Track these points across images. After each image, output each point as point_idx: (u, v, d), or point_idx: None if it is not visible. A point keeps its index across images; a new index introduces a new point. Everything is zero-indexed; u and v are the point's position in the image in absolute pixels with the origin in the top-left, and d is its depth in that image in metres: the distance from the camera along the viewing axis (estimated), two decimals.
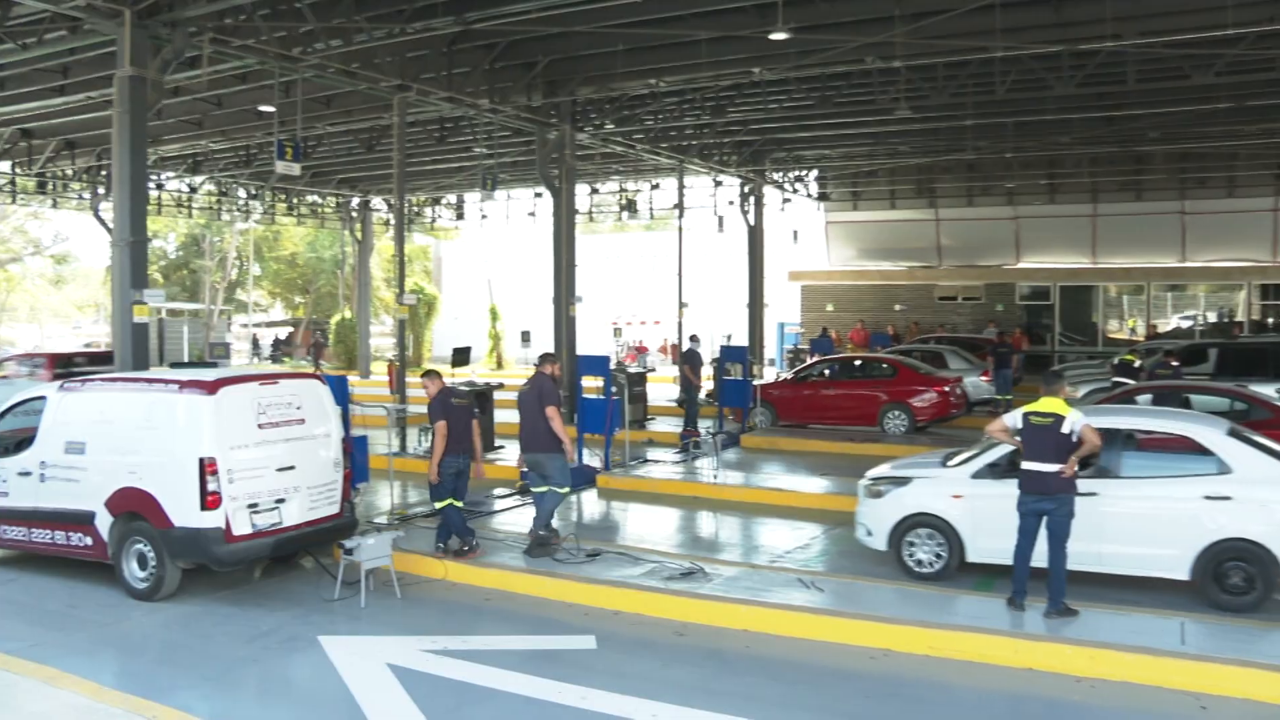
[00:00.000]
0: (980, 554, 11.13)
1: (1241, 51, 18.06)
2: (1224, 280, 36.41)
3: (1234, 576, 10.11)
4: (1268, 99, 22.97)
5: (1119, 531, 10.41)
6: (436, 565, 11.71)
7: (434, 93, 20.31)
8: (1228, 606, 10.05)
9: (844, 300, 39.71)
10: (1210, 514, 10.14)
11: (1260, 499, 10.10)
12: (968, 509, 11.17)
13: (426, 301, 46.74)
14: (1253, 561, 10.03)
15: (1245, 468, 10.29)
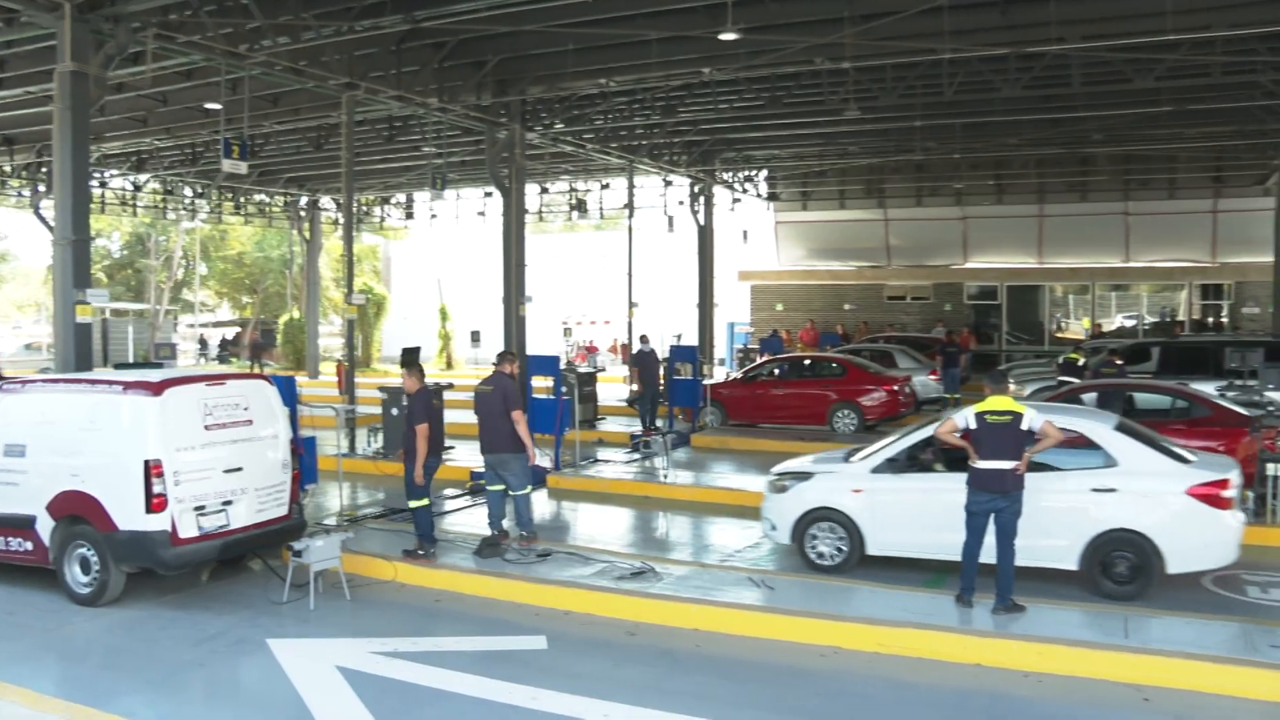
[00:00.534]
0: (879, 547, 11.48)
1: (1181, 57, 18.37)
2: (1166, 280, 37.01)
3: (1119, 566, 10.53)
4: (1206, 103, 23.41)
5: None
6: (386, 567, 11.64)
7: (383, 91, 20.17)
8: (1113, 595, 10.45)
9: (793, 300, 39.92)
10: (1097, 506, 10.49)
11: (1143, 491, 10.49)
12: (867, 503, 11.48)
13: (376, 301, 46.42)
14: (1136, 551, 10.46)
15: (1130, 461, 10.68)
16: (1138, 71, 19.83)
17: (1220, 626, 9.30)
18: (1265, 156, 30.64)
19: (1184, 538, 10.46)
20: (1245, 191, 33.95)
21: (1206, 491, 10.46)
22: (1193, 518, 10.48)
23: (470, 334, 43.90)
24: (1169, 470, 10.74)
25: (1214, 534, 10.51)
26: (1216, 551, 10.58)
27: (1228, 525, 10.50)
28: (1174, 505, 10.51)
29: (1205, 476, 10.61)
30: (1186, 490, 10.51)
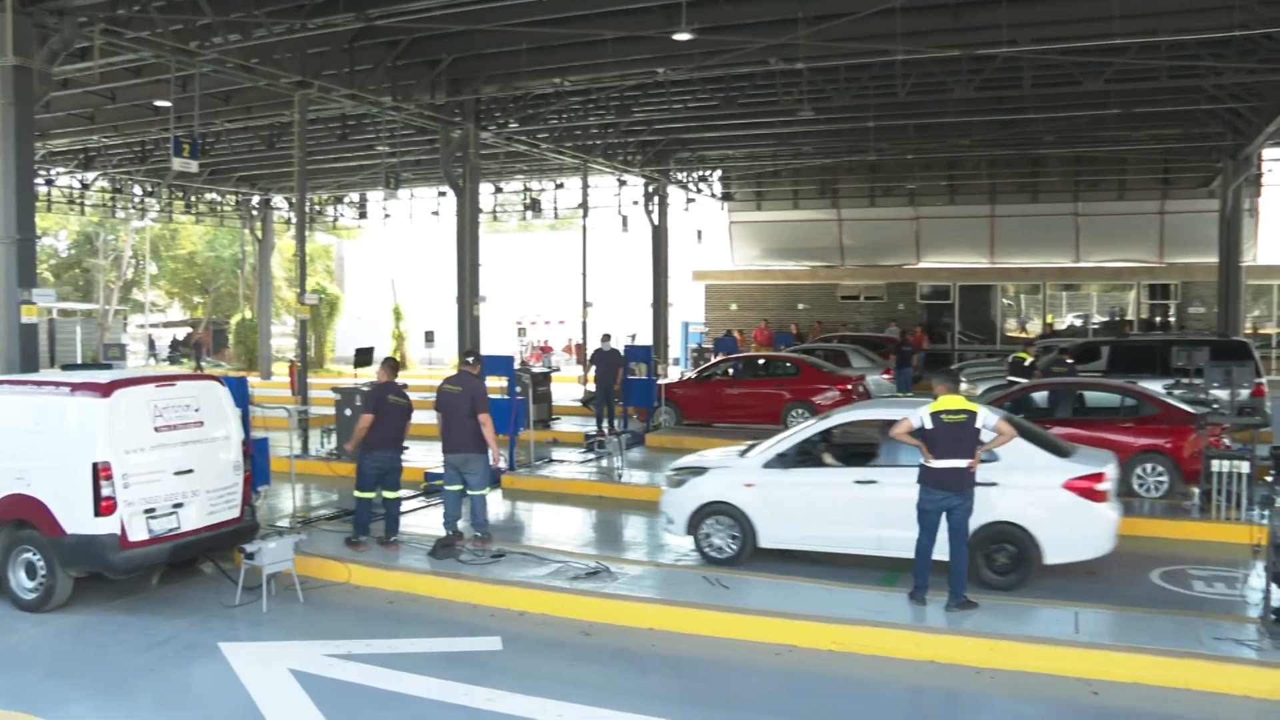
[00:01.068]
0: (771, 540, 11.77)
1: (1128, 60, 18.64)
2: (1115, 280, 37.49)
3: (1000, 557, 10.88)
4: (1153, 106, 23.78)
5: (899, 517, 10.79)
6: (340, 568, 11.57)
7: (336, 90, 20.03)
8: (995, 585, 10.75)
9: (748, 300, 40.05)
10: (978, 499, 10.55)
11: (1022, 485, 10.78)
12: (758, 497, 11.75)
13: (329, 301, 46.06)
14: (1016, 543, 10.82)
15: (1011, 455, 10.82)
16: (1087, 74, 20.09)
17: (1167, 620, 9.45)
18: (1210, 159, 31.14)
19: (1061, 529, 10.85)
20: (1191, 193, 34.46)
21: (1082, 485, 10.83)
22: (1069, 510, 10.85)
23: (424, 334, 43.68)
24: (1047, 465, 11.06)
25: (1090, 526, 10.90)
26: (1093, 543, 10.96)
27: (1103, 517, 10.87)
28: (1051, 498, 10.85)
29: (1081, 470, 10.97)
30: (1063, 484, 10.86)
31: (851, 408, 12.95)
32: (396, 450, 12.54)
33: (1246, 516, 12.93)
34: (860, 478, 11.48)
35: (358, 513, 12.47)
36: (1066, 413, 15.88)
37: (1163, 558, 12.24)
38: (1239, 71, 19.60)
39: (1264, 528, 8.89)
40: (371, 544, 12.32)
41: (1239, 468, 13.35)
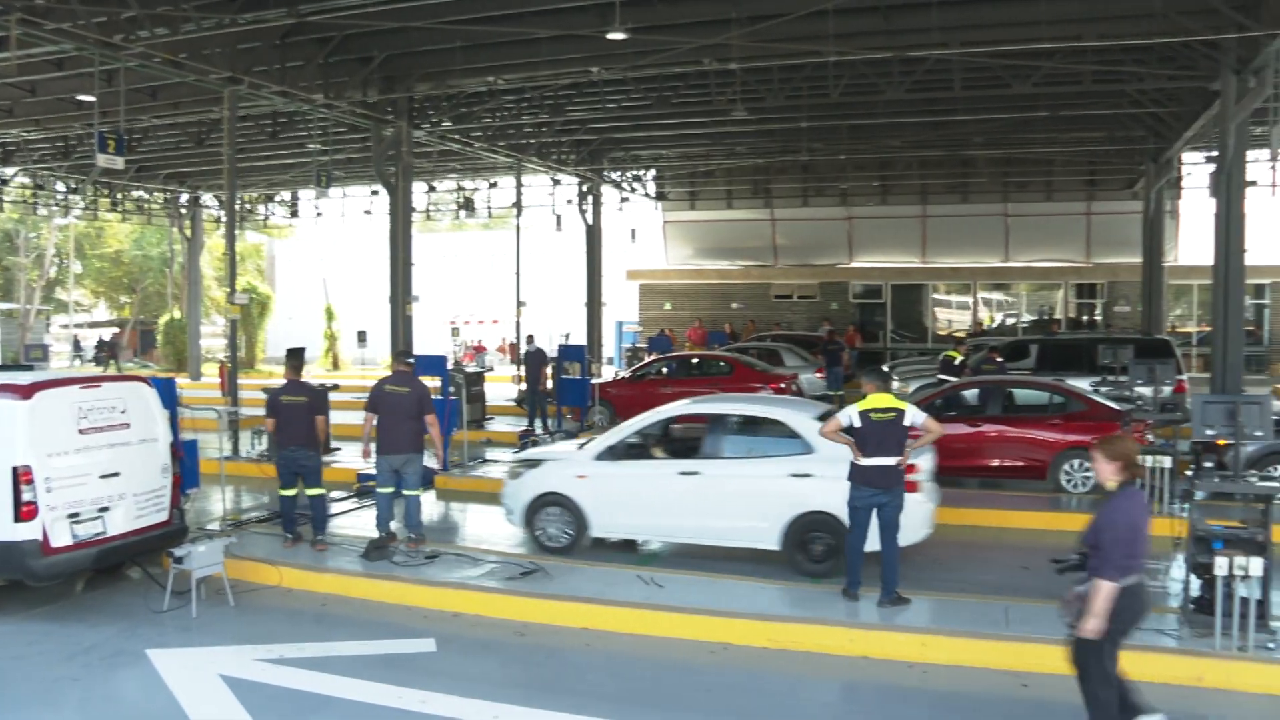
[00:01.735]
0: (601, 529, 12.20)
1: (1055, 64, 19.01)
2: (1044, 280, 38.13)
3: (816, 546, 11.29)
4: (1078, 110, 24.26)
5: (720, 507, 11.48)
6: (271, 571, 11.42)
7: (267, 86, 19.77)
8: (810, 573, 11.20)
9: (682, 299, 40.18)
10: (795, 490, 11.14)
11: (836, 476, 10.82)
12: (590, 488, 12.11)
13: (260, 301, 45.48)
14: (831, 532, 11.13)
15: (827, 448, 11.06)
16: (1015, 77, 20.42)
17: None
18: (1133, 162, 31.79)
19: None
20: (1116, 195, 35.16)
21: None
22: None
23: (357, 334, 43.30)
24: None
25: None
26: (903, 531, 10.96)
27: (913, 507, 10.97)
28: None
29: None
30: None
31: (681, 403, 13.32)
32: (307, 447, 12.35)
33: (1169, 510, 13.18)
34: (684, 469, 11.83)
35: (282, 511, 12.59)
36: (996, 410, 16.12)
37: None
38: (1159, 78, 20.05)
39: (1184, 521, 9.08)
40: (302, 543, 12.26)
41: (1162, 463, 13.63)
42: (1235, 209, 17.75)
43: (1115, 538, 6.53)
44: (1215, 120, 18.91)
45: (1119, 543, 6.52)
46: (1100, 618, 6.49)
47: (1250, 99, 17.27)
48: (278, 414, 12.40)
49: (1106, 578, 6.48)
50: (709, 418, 12.42)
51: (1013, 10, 17.42)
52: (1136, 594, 6.65)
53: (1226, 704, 8.09)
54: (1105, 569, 6.50)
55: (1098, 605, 6.49)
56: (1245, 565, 8.20)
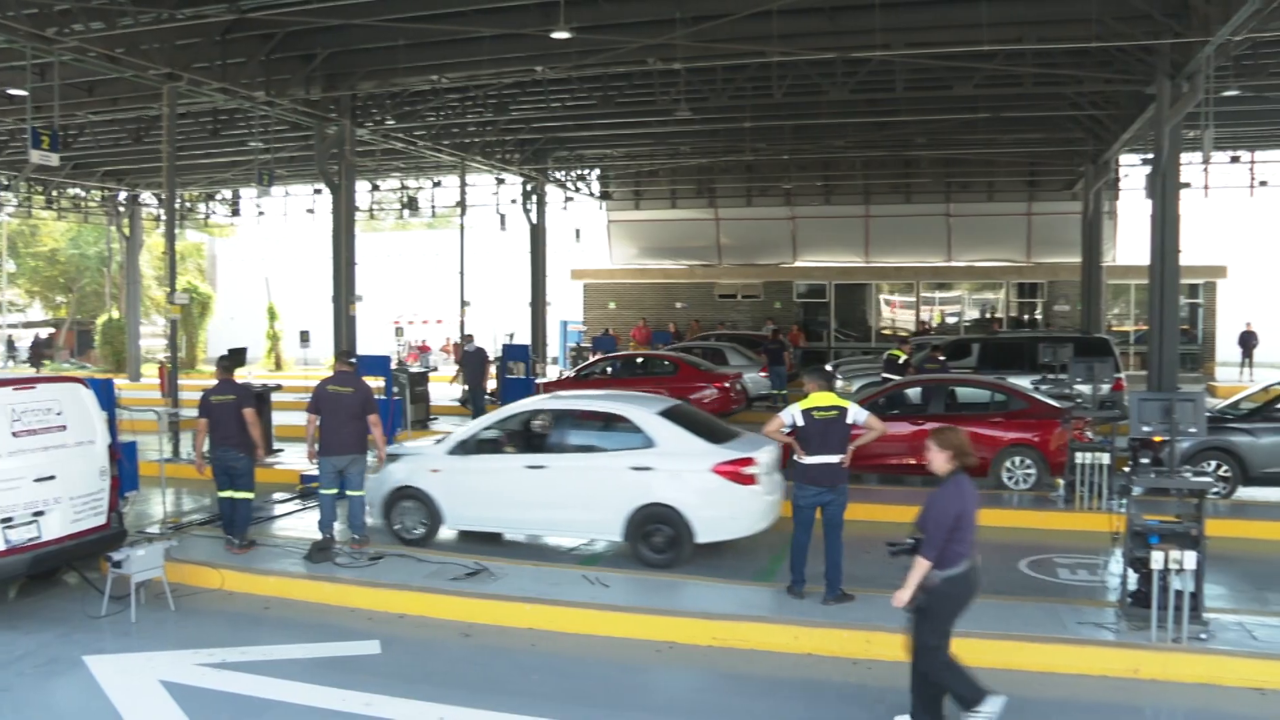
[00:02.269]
0: (454, 522, 12.65)
1: (996, 67, 19.22)
2: (986, 279, 38.57)
3: (656, 537, 11.64)
4: (1019, 111, 24.59)
5: (565, 499, 11.89)
6: (212, 574, 11.28)
7: (207, 83, 19.49)
8: (653, 564, 11.56)
9: (626, 298, 40.21)
10: (636, 482, 11.48)
11: (675, 469, 11.58)
12: (442, 482, 12.47)
13: (200, 301, 44.88)
14: (670, 524, 11.56)
15: (667, 442, 11.74)
16: (957, 79, 20.66)
17: (1034, 607, 9.76)
18: (1072, 164, 32.25)
19: (710, 511, 11.52)
20: (1056, 196, 35.67)
21: (729, 469, 11.50)
22: (717, 493, 11.52)
23: (299, 334, 42.87)
24: (699, 450, 11.71)
25: (737, 507, 11.59)
26: (741, 523, 11.69)
27: (750, 499, 11.57)
28: (700, 482, 11.53)
29: (729, 456, 11.63)
30: (711, 468, 11.51)
31: (530, 399, 13.85)
32: (238, 449, 12.17)
33: (1107, 506, 13.43)
34: (531, 463, 12.22)
35: (222, 513, 12.46)
36: (939, 408, 16.29)
37: (1031, 547, 12.63)
38: (1097, 81, 20.35)
39: (1122, 516, 9.23)
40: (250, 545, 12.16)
41: (1100, 460, 13.87)
42: (1170, 210, 18.07)
43: (940, 522, 7.02)
44: (1151, 123, 19.24)
45: (943, 527, 7.00)
46: (910, 590, 6.99)
47: (1183, 103, 17.61)
48: (209, 414, 12.22)
49: (924, 555, 6.99)
50: (555, 413, 12.92)
51: (955, 13, 17.61)
52: (966, 578, 7.12)
53: (1162, 694, 8.24)
54: (925, 548, 7.00)
55: (911, 578, 7.00)
56: (1180, 559, 8.37)
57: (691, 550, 11.56)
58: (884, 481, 16.48)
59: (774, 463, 12.13)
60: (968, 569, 7.12)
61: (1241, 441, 14.83)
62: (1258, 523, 13.57)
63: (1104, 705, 8.03)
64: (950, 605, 7.12)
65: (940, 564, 7.00)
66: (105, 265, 49.79)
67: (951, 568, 7.03)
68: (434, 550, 12.22)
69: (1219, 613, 9.35)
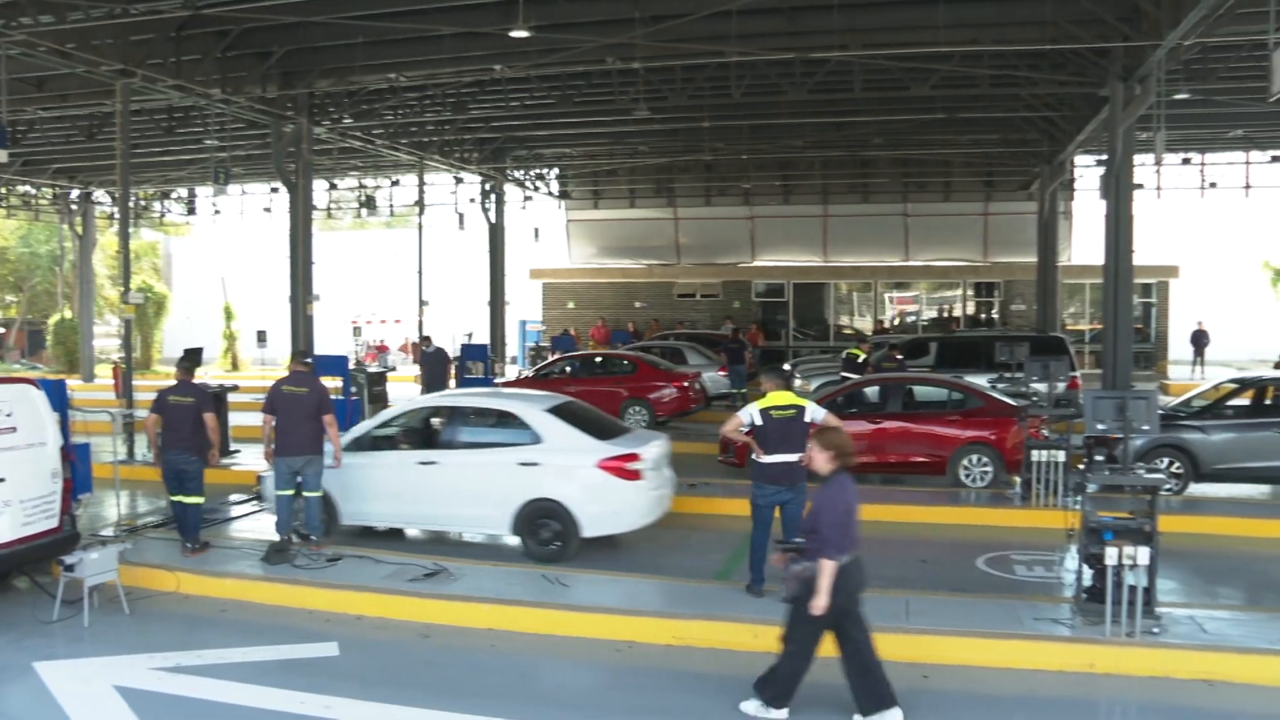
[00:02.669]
0: (350, 517, 12.73)
1: (952, 68, 19.40)
2: (943, 279, 38.88)
3: (544, 531, 11.87)
4: (975, 112, 24.81)
5: (455, 495, 12.08)
6: (168, 577, 11.15)
7: (161, 80, 19.26)
8: (540, 558, 11.78)
9: (585, 298, 40.20)
10: (524, 478, 11.71)
11: (562, 464, 11.83)
12: (338, 478, 12.41)
13: (156, 300, 44.42)
14: (557, 518, 11.81)
15: (554, 438, 12.02)
16: (914, 80, 20.82)
17: (991, 604, 9.84)
18: (1028, 164, 32.57)
19: (596, 505, 11.79)
20: (1012, 196, 36.04)
21: (613, 465, 11.76)
22: (602, 488, 11.78)
23: (256, 334, 42.53)
24: (585, 446, 11.98)
25: (622, 502, 11.87)
26: (627, 517, 11.99)
27: (635, 494, 11.84)
28: (586, 477, 11.80)
29: (614, 452, 11.90)
30: (596, 464, 11.78)
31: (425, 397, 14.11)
32: (191, 452, 11.98)
33: (1062, 503, 13.55)
34: (424, 459, 12.42)
35: (176, 517, 12.23)
36: (897, 407, 16.38)
37: (988, 544, 12.74)
38: (1052, 83, 20.59)
39: (1077, 513, 9.33)
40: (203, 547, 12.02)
41: (1056, 457, 14.02)
42: (1124, 211, 18.29)
43: (833, 521, 7.29)
44: (1104, 125, 19.47)
45: (835, 525, 7.27)
46: (826, 594, 7.21)
47: (1136, 105, 17.84)
48: (164, 413, 12.00)
49: (829, 557, 7.20)
50: (448, 410, 13.08)
51: (912, 14, 17.75)
52: (851, 570, 7.41)
53: (1116, 688, 8.34)
54: (826, 549, 7.22)
55: (823, 583, 7.20)
56: (1134, 554, 8.47)
57: (579, 545, 11.80)
58: None
59: (662, 458, 12.53)
60: (851, 561, 7.38)
61: (1193, 439, 15.04)
62: (1209, 518, 13.75)
63: (1060, 700, 8.11)
64: (838, 596, 7.30)
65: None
66: (57, 264, 49.12)
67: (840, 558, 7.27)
68: (392, 551, 12.14)
69: (1171, 607, 9.50)
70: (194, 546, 11.94)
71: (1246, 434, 15.11)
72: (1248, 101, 21.02)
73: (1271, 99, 12.45)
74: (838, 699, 7.69)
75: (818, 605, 7.22)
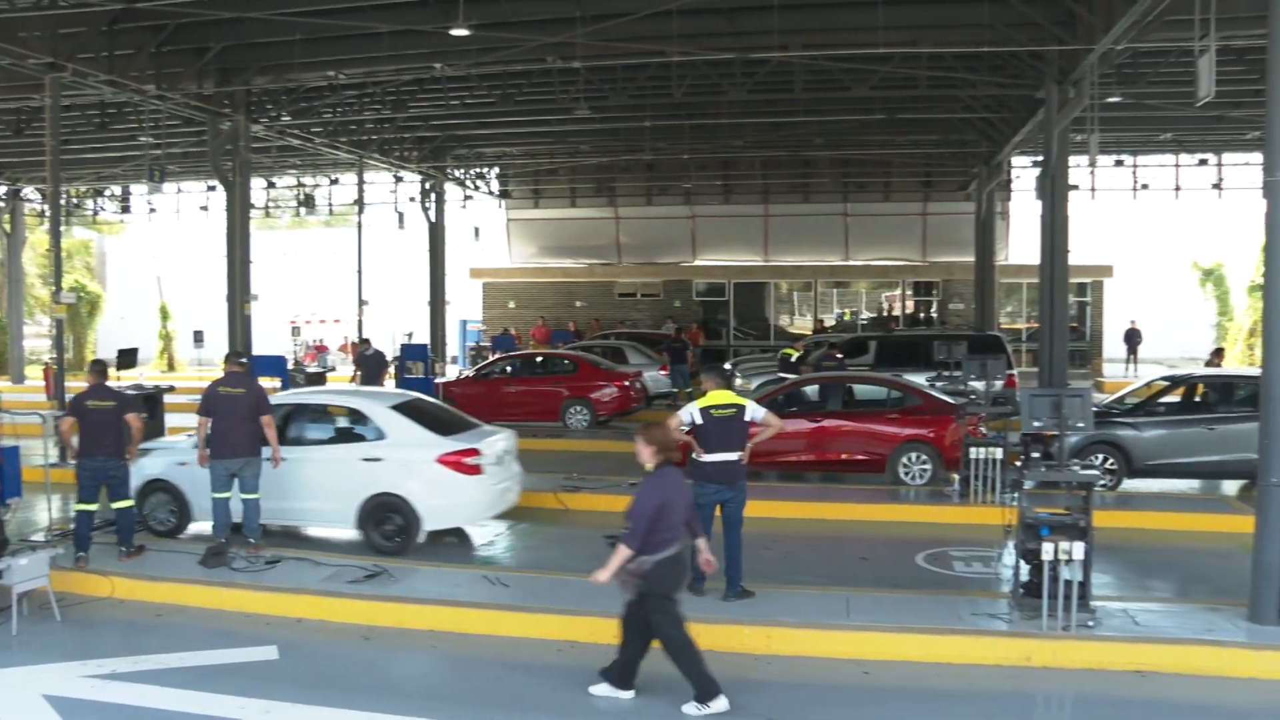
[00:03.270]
0: (201, 514, 12.60)
1: (892, 69, 19.58)
2: (882, 278, 39.27)
3: (388, 525, 12.12)
4: (914, 113, 25.07)
5: (302, 489, 12.22)
6: (102, 582, 10.94)
7: (93, 75, 18.88)
8: (384, 550, 11.96)
9: (525, 297, 40.12)
10: (367, 473, 11.95)
11: (403, 460, 12.10)
12: (189, 475, 12.53)
13: (89, 300, 43.63)
14: (400, 512, 12.05)
15: (397, 434, 12.32)
16: (854, 81, 20.99)
17: (930, 600, 9.95)
18: (966, 165, 32.99)
19: (436, 499, 12.07)
20: (950, 196, 36.47)
21: (452, 459, 12.08)
22: (442, 482, 12.08)
23: (193, 334, 41.93)
24: (426, 441, 12.28)
25: (462, 495, 12.20)
26: (467, 511, 12.46)
27: (475, 488, 12.20)
28: (426, 472, 12.08)
29: (453, 447, 12.23)
30: (436, 459, 12.07)
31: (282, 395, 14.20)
32: (116, 457, 11.63)
33: (1000, 500, 13.73)
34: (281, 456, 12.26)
35: (78, 529, 11.53)
36: (837, 405, 16.48)
37: (927, 541, 12.85)
38: (990, 85, 20.87)
39: (1015, 509, 9.46)
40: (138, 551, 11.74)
41: (994, 454, 14.19)
42: (1060, 211, 18.58)
43: (643, 513, 7.57)
44: (1040, 127, 19.76)
45: (645, 517, 7.56)
46: (611, 571, 7.56)
47: (1071, 108, 18.13)
48: (82, 419, 11.57)
49: (626, 544, 7.55)
50: (298, 407, 13.19)
51: (852, 16, 17.89)
52: (675, 561, 7.73)
53: (1052, 681, 8.47)
54: (627, 538, 7.57)
55: (612, 563, 7.57)
56: (1069, 550, 8.61)
57: (420, 538, 12.06)
58: (783, 478, 16.65)
59: (505, 453, 12.91)
60: (677, 553, 7.69)
61: (1126, 435, 15.30)
62: (1142, 513, 13.99)
63: (999, 693, 8.22)
64: (666, 585, 7.66)
65: (650, 549, 7.58)
66: None
67: (660, 552, 7.60)
68: (332, 553, 12.03)
69: (1106, 600, 9.66)
70: (128, 551, 11.69)
71: (1177, 430, 15.41)
72: (1176, 106, 21.46)
73: (1198, 104, 12.71)
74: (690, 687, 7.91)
75: (602, 575, 7.60)
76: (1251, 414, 10.92)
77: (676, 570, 7.75)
